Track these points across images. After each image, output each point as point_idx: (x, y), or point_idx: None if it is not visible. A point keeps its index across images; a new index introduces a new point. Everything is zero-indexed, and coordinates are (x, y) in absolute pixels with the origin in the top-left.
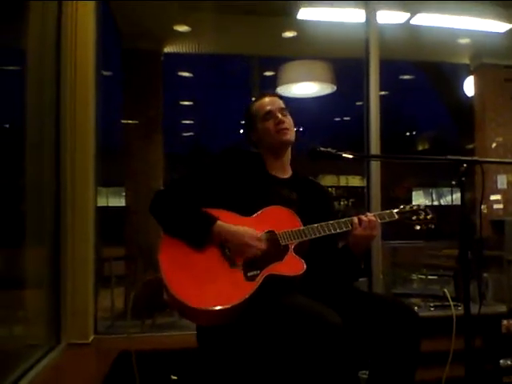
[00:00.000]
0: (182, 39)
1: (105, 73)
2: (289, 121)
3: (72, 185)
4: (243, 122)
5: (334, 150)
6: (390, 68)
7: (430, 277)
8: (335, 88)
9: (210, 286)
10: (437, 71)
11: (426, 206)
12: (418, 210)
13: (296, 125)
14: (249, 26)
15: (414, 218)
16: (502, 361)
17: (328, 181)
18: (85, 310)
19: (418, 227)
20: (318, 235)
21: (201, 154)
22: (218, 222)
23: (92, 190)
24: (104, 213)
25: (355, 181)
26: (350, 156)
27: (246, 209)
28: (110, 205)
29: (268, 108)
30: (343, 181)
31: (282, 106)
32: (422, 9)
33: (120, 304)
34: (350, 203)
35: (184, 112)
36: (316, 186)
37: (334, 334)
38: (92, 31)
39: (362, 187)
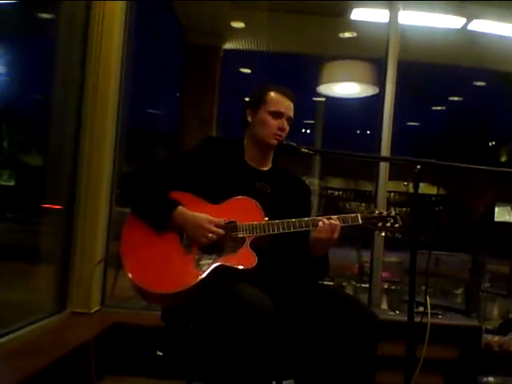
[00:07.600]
0: (241, 36)
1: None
2: (287, 130)
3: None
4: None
5: (294, 144)
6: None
7: None
8: (377, 90)
9: (160, 270)
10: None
11: (398, 214)
12: (386, 217)
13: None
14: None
15: (380, 224)
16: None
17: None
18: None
19: (383, 234)
20: (277, 231)
21: None
22: (180, 208)
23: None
24: None
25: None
26: (306, 150)
27: (215, 196)
28: None
29: (281, 109)
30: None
31: (292, 115)
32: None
33: None
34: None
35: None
36: (295, 181)
37: (261, 319)
38: (119, 19)
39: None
